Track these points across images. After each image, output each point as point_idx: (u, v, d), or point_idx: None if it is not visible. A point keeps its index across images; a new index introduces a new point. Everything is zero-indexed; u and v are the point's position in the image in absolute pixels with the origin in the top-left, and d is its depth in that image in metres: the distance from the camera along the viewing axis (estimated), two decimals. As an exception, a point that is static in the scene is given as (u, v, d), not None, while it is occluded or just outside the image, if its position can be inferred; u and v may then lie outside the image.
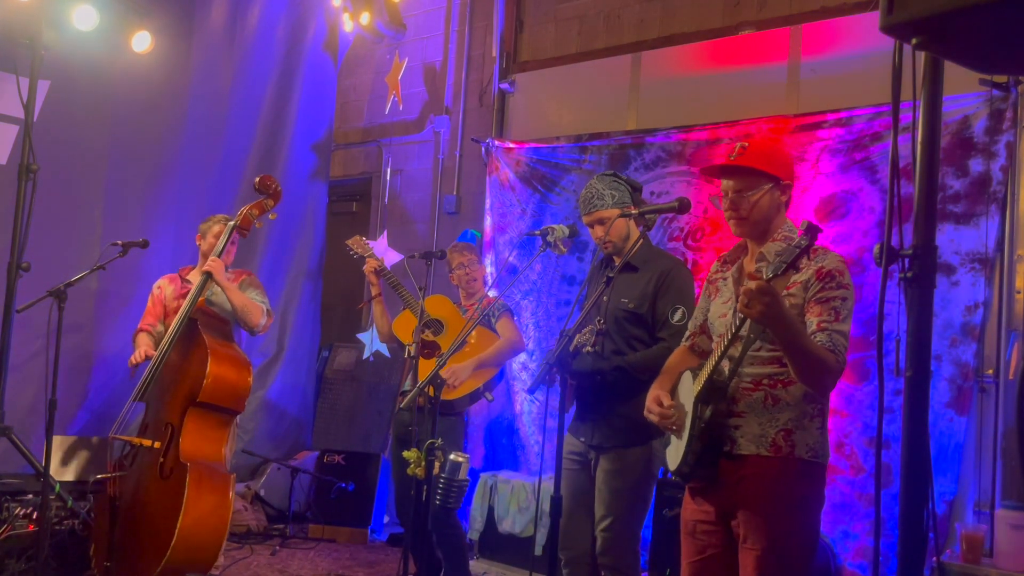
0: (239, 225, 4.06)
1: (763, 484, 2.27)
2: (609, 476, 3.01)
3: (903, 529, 1.50)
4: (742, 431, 2.32)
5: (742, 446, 2.31)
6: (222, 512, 3.50)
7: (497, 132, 5.79)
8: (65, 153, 4.89)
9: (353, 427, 6.09)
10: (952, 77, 1.61)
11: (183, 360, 3.77)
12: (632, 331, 3.08)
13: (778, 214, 2.41)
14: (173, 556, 3.34)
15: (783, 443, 2.27)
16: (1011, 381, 3.69)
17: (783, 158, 2.49)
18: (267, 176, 4.22)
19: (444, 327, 4.05)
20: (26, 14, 4.26)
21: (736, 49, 4.81)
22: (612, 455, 3.02)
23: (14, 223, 3.96)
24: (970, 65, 1.54)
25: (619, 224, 3.12)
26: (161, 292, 4.30)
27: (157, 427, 3.71)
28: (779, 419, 2.29)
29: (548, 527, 4.52)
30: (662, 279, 3.07)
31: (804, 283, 2.29)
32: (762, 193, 2.37)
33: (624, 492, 2.99)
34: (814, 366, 2.17)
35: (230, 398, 3.70)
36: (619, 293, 3.10)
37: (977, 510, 3.70)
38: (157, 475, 3.58)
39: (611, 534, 2.98)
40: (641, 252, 3.08)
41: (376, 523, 5.46)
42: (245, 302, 4.08)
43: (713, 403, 2.31)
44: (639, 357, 3.03)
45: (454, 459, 3.18)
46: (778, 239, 2.39)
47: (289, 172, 6.04)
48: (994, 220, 3.74)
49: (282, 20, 6.04)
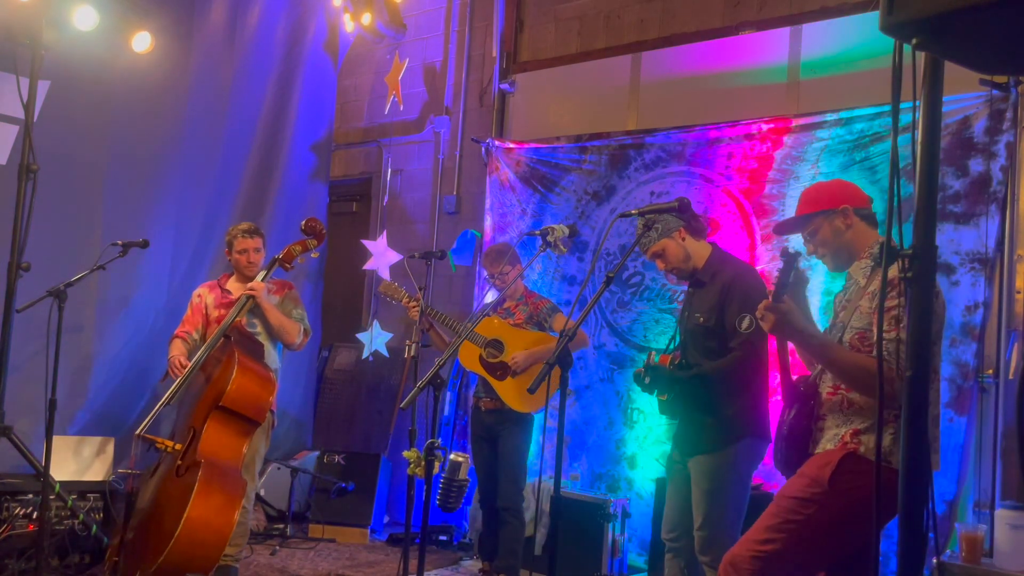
0: (281, 259, 4.17)
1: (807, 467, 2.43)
2: (700, 479, 3.10)
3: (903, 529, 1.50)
4: (823, 433, 2.47)
5: (821, 446, 2.45)
6: (228, 514, 3.51)
7: (497, 132, 5.79)
8: (65, 153, 4.89)
9: (353, 427, 6.09)
10: (952, 77, 1.61)
11: (213, 371, 3.88)
12: (707, 343, 3.14)
13: (846, 235, 2.57)
14: (175, 549, 3.33)
15: (849, 440, 2.40)
16: (1011, 381, 3.69)
17: (831, 191, 2.66)
18: (313, 219, 4.32)
19: (504, 346, 4.19)
20: (26, 14, 4.26)
21: (736, 49, 4.80)
22: (699, 459, 3.12)
23: (14, 223, 3.96)
24: (970, 65, 1.54)
25: (672, 250, 3.20)
26: (201, 301, 4.29)
27: (182, 431, 3.80)
28: (852, 421, 2.42)
29: (548, 527, 4.54)
30: (725, 290, 3.12)
31: (872, 293, 2.42)
32: (815, 226, 2.58)
33: (714, 494, 3.07)
34: (851, 375, 2.34)
35: (252, 407, 3.80)
36: (693, 308, 3.21)
37: (977, 510, 3.70)
38: (173, 475, 3.64)
39: (706, 534, 3.07)
40: (709, 266, 3.22)
41: (376, 523, 5.45)
42: (283, 322, 4.17)
43: (796, 405, 2.50)
44: (713, 367, 3.10)
45: (454, 459, 3.18)
46: (864, 257, 2.55)
47: (289, 172, 6.03)
48: (994, 220, 3.74)
49: (282, 20, 6.04)
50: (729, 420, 3.06)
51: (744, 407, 3.08)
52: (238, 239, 4.23)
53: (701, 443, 3.11)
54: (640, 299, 4.88)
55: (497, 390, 4.16)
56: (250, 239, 4.24)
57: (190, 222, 5.48)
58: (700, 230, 3.24)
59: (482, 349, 4.18)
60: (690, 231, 3.20)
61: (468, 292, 5.76)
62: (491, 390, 4.19)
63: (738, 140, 4.57)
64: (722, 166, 4.63)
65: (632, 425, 4.81)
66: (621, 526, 4.45)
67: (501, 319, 4.26)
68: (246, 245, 4.23)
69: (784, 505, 2.41)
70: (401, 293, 4.28)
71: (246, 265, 4.24)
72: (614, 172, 5.08)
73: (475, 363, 4.22)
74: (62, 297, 3.66)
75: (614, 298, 4.97)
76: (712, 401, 3.06)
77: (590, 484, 4.91)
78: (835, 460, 2.36)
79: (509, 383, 4.14)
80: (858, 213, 2.56)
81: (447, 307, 5.50)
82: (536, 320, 4.27)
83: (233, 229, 4.29)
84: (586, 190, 5.20)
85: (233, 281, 4.31)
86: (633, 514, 4.54)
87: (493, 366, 4.17)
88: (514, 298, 4.34)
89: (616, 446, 4.88)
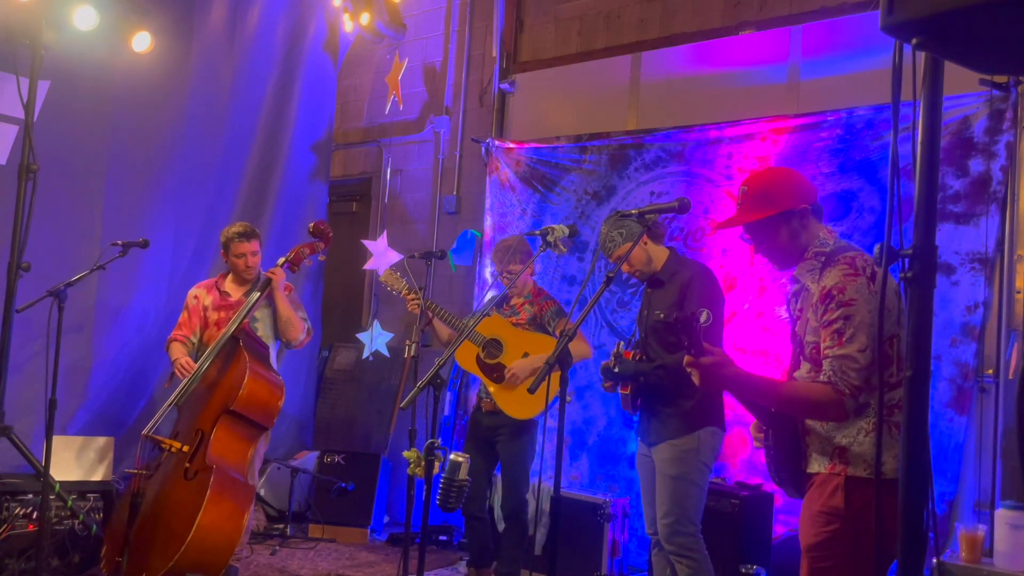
0: (291, 260, 4.19)
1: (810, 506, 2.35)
2: (664, 466, 3.27)
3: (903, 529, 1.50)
4: (810, 448, 2.30)
5: (810, 466, 2.30)
6: (237, 520, 3.54)
7: (497, 132, 5.79)
8: (65, 153, 4.88)
9: (353, 427, 6.09)
10: (952, 77, 1.61)
11: (221, 373, 3.86)
12: (668, 338, 3.31)
13: (801, 237, 2.34)
14: (185, 553, 3.35)
15: (838, 462, 2.24)
16: (1011, 381, 3.69)
17: (784, 187, 2.38)
18: (321, 222, 4.36)
19: (503, 346, 4.07)
20: (26, 14, 4.26)
21: (736, 49, 4.81)
22: (663, 447, 3.29)
23: (14, 223, 3.96)
24: (970, 65, 1.54)
25: (636, 254, 3.38)
26: (199, 303, 4.23)
27: (188, 433, 3.78)
28: (833, 436, 2.25)
29: (548, 527, 4.54)
30: (684, 288, 3.33)
31: (814, 307, 2.24)
32: (773, 230, 2.34)
33: (678, 480, 3.24)
34: (803, 410, 2.23)
35: (261, 412, 3.82)
36: (653, 306, 3.41)
37: (977, 510, 3.70)
38: (181, 477, 3.63)
39: (670, 521, 3.23)
40: (667, 267, 3.44)
41: (376, 523, 5.46)
42: (291, 315, 4.16)
43: (774, 426, 2.34)
44: (674, 358, 3.20)
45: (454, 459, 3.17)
46: (809, 257, 2.34)
47: (289, 172, 6.03)
48: (994, 220, 3.75)
49: (282, 20, 6.03)
50: (690, 410, 3.26)
51: (703, 398, 3.26)
52: (234, 242, 4.16)
53: (665, 432, 3.29)
54: (640, 299, 4.87)
55: (492, 393, 4.04)
56: (247, 242, 4.16)
57: (190, 222, 5.48)
58: (660, 235, 3.50)
59: (480, 348, 4.06)
60: (651, 236, 3.42)
61: (468, 292, 5.76)
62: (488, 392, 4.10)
63: (738, 140, 4.57)
64: (722, 166, 4.63)
65: (632, 425, 4.81)
66: (621, 526, 4.45)
67: (504, 317, 4.13)
68: (243, 249, 4.16)
69: (815, 556, 2.25)
70: (401, 284, 4.17)
71: (244, 269, 4.19)
72: (614, 172, 5.08)
73: (471, 363, 4.10)
74: (62, 297, 3.66)
75: (614, 298, 4.97)
76: (674, 392, 3.26)
77: (590, 484, 4.91)
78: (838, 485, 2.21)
79: (505, 387, 4.01)
80: (813, 209, 2.36)
81: (447, 307, 5.49)
82: (539, 322, 4.11)
83: (227, 231, 4.21)
84: (586, 190, 5.20)
85: (230, 282, 4.27)
86: (633, 514, 4.54)
87: (490, 367, 4.04)
88: (522, 295, 4.19)
89: (616, 446, 4.88)
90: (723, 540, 3.70)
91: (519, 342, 4.05)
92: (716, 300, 3.34)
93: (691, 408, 3.25)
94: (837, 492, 2.20)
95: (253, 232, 4.23)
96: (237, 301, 4.16)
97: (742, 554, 3.76)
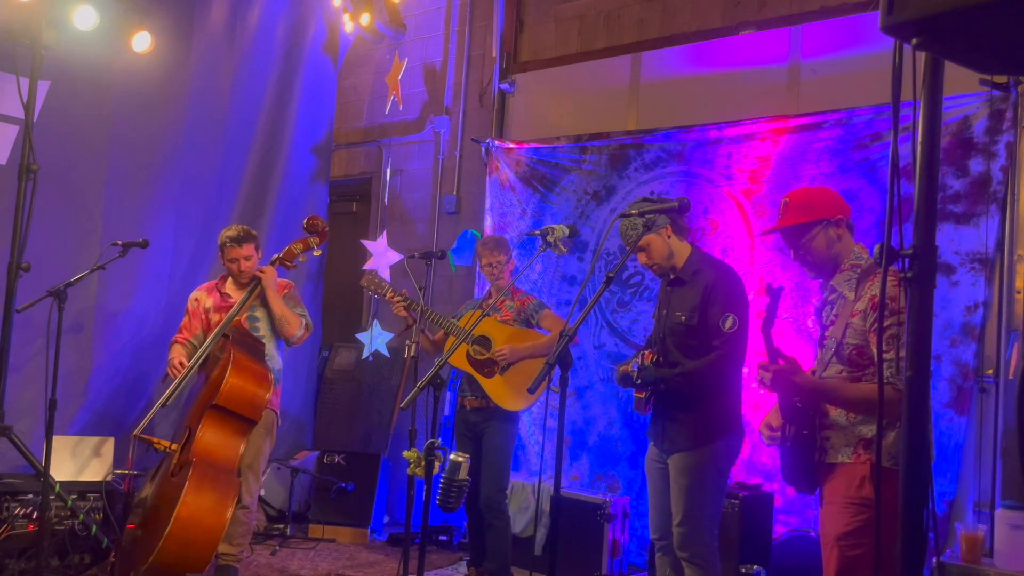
0: (283, 258, 4.18)
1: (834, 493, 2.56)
2: (680, 475, 3.15)
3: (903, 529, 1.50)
4: (830, 442, 2.54)
5: (831, 456, 2.54)
6: (220, 514, 3.49)
7: (497, 132, 5.79)
8: (65, 153, 4.88)
9: (353, 427, 6.08)
10: (952, 77, 1.61)
11: (212, 370, 3.88)
12: (688, 341, 3.19)
13: (835, 246, 2.63)
14: (164, 548, 3.31)
15: (863, 452, 2.48)
16: (1011, 381, 3.69)
17: (823, 199, 2.69)
18: (315, 216, 4.34)
19: (491, 343, 4.18)
20: (26, 14, 4.26)
21: (736, 49, 4.80)
22: (681, 456, 3.16)
23: (14, 223, 3.96)
24: (970, 65, 1.54)
25: (657, 246, 3.23)
26: (199, 305, 4.26)
27: (180, 432, 3.82)
28: (860, 430, 2.50)
29: (548, 527, 4.54)
30: (708, 290, 3.16)
31: (863, 312, 2.44)
32: (812, 236, 2.61)
33: (695, 489, 3.12)
34: (863, 407, 2.43)
35: (247, 406, 3.79)
36: (673, 307, 3.25)
37: (977, 510, 3.70)
38: (169, 474, 3.64)
39: (685, 530, 3.12)
40: (688, 265, 3.25)
41: (376, 523, 5.45)
42: (285, 312, 4.16)
43: (797, 421, 2.56)
44: (696, 365, 3.14)
45: (454, 459, 3.17)
46: (845, 269, 2.59)
47: (289, 172, 6.03)
48: (994, 220, 3.74)
49: (282, 20, 6.03)
50: (710, 417, 3.14)
51: (724, 405, 3.17)
52: (227, 247, 4.14)
53: (682, 441, 3.16)
54: (640, 299, 4.88)
55: (485, 388, 4.14)
56: (238, 248, 4.13)
57: (190, 222, 5.48)
58: (684, 230, 3.32)
59: (469, 346, 4.14)
60: (675, 230, 3.26)
61: (468, 292, 5.75)
62: (477, 387, 4.17)
63: (738, 140, 4.57)
64: (722, 166, 4.63)
65: (635, 424, 4.81)
66: (621, 526, 4.45)
67: (488, 316, 4.20)
68: (235, 254, 4.13)
69: (845, 545, 2.42)
70: (384, 287, 4.17)
71: (238, 273, 4.18)
72: (614, 172, 5.08)
73: (462, 360, 4.18)
74: (62, 297, 3.66)
75: (614, 298, 4.97)
76: (695, 399, 3.14)
77: (590, 484, 4.91)
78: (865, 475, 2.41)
79: (497, 381, 4.13)
80: (847, 224, 2.65)
81: (447, 307, 5.50)
82: (523, 317, 4.26)
83: (222, 234, 4.20)
84: (586, 190, 5.20)
85: (231, 284, 4.27)
86: (633, 514, 4.54)
87: (481, 363, 4.15)
88: (501, 294, 4.30)
89: (616, 446, 4.88)
90: (723, 540, 3.69)
91: (505, 337, 4.18)
92: (742, 304, 3.17)
93: (710, 415, 3.13)
94: (865, 483, 2.39)
95: (247, 236, 4.19)
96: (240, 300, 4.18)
97: (742, 554, 3.76)
